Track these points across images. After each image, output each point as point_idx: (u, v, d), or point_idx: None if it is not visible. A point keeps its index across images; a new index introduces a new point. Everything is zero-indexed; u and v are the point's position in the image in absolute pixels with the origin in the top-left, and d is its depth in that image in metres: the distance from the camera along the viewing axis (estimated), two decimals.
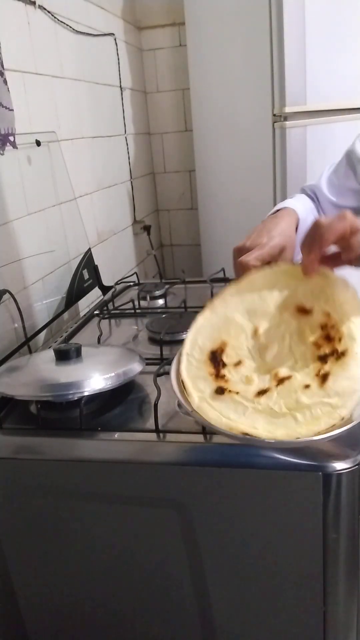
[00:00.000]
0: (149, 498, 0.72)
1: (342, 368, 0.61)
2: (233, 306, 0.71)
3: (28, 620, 0.85)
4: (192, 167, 2.08)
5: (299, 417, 0.60)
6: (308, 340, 0.65)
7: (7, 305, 1.04)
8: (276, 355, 0.66)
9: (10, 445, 0.76)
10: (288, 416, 0.61)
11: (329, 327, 0.65)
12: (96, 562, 0.78)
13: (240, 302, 0.70)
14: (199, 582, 0.74)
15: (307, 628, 0.74)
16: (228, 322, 0.70)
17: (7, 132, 0.99)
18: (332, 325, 0.65)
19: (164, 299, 1.26)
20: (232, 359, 0.67)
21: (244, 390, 0.64)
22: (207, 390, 0.65)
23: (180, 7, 1.82)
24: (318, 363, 0.63)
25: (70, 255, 1.32)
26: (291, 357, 0.66)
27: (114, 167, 1.77)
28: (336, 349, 0.63)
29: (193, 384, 0.66)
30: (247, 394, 0.64)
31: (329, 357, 0.63)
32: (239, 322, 0.69)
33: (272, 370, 0.65)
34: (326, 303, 0.67)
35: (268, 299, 0.70)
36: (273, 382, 0.64)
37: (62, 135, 1.35)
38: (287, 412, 0.61)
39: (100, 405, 0.81)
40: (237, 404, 0.63)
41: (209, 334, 0.69)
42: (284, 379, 0.63)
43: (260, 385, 0.64)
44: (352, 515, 0.67)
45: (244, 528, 0.70)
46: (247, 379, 0.65)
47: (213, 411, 0.63)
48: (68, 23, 1.41)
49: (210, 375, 0.66)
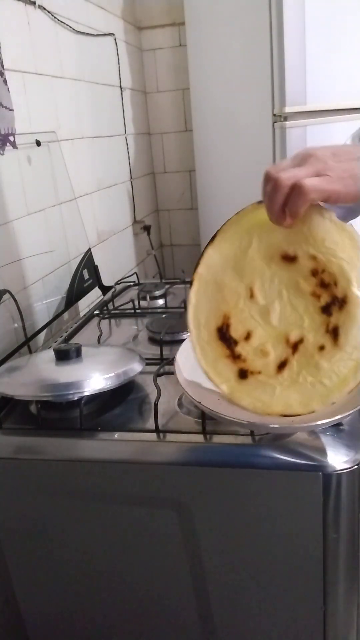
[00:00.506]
0: (149, 498, 0.72)
1: (349, 319, 0.59)
2: (219, 268, 0.65)
3: (28, 621, 0.85)
4: (192, 167, 2.08)
5: (326, 382, 0.60)
6: (305, 292, 0.62)
7: (7, 305, 1.04)
8: (280, 316, 0.63)
9: (10, 445, 0.76)
10: (316, 384, 0.60)
11: (320, 272, 0.61)
12: (96, 562, 0.78)
13: (225, 262, 0.65)
14: (199, 581, 0.74)
15: (307, 628, 0.74)
16: (221, 289, 0.65)
17: (7, 132, 0.99)
18: (322, 269, 0.60)
19: (164, 299, 1.27)
20: (240, 333, 0.64)
21: (264, 366, 0.63)
22: (231, 375, 0.64)
23: (180, 7, 1.82)
24: (324, 316, 0.60)
25: (70, 255, 1.32)
26: (295, 313, 0.62)
27: (114, 167, 1.77)
28: (335, 296, 0.60)
29: (215, 372, 0.64)
30: (268, 371, 0.62)
31: (332, 307, 0.60)
32: (232, 285, 0.65)
33: (282, 335, 0.63)
34: (307, 244, 0.61)
35: (249, 251, 0.64)
36: (288, 350, 0.62)
37: (62, 135, 1.35)
38: (313, 380, 0.60)
39: (100, 405, 0.81)
40: (264, 385, 0.62)
41: (207, 308, 0.65)
42: (297, 343, 0.61)
43: (277, 355, 0.62)
44: (352, 515, 0.67)
45: (244, 528, 0.70)
46: (263, 352, 0.63)
47: (246, 398, 0.62)
48: (68, 23, 1.41)
49: (227, 358, 0.64)
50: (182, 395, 0.81)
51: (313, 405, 0.60)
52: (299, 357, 0.61)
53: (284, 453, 0.66)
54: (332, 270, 0.60)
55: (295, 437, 0.68)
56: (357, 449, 0.66)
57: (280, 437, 0.68)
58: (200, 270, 0.65)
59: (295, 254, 0.62)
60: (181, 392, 0.81)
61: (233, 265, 0.65)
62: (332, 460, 0.64)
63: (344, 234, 0.60)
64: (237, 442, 0.69)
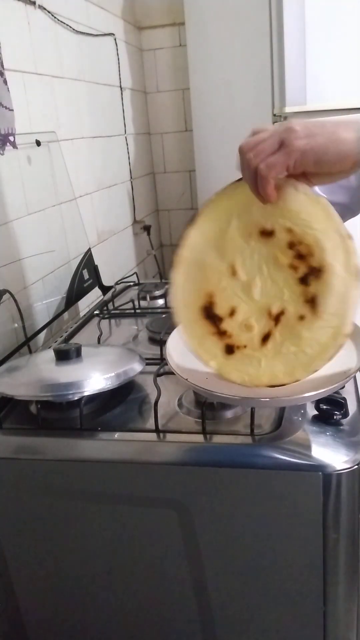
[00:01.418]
0: (149, 498, 0.72)
1: (326, 287, 0.60)
2: (201, 249, 0.67)
3: (28, 620, 0.85)
4: (192, 167, 2.08)
5: (308, 351, 0.61)
6: (283, 265, 0.63)
7: (7, 305, 1.03)
8: (262, 290, 0.65)
9: (10, 445, 0.76)
10: (299, 353, 0.62)
11: (297, 244, 0.62)
12: (96, 561, 0.78)
13: (206, 242, 0.66)
14: (199, 581, 0.74)
15: (307, 628, 0.74)
16: (203, 269, 0.66)
17: (7, 132, 0.99)
18: (299, 240, 0.62)
19: (164, 299, 1.27)
20: (224, 310, 0.66)
21: (249, 340, 0.64)
22: (218, 351, 0.65)
23: (180, 7, 1.82)
24: (302, 287, 0.62)
25: (70, 255, 1.32)
26: (275, 286, 0.64)
27: (114, 167, 1.77)
28: (312, 266, 0.61)
29: (203, 350, 0.66)
30: (253, 344, 0.64)
31: (310, 278, 0.61)
32: (214, 265, 0.66)
33: (264, 308, 0.64)
34: (283, 217, 0.62)
35: (229, 230, 0.65)
36: (271, 323, 0.64)
37: (62, 135, 1.35)
38: (295, 350, 0.62)
39: (100, 405, 0.81)
40: (250, 358, 0.64)
41: (191, 289, 0.67)
42: (279, 315, 0.63)
43: (260, 328, 0.64)
44: (352, 515, 0.67)
45: (244, 528, 0.70)
46: (247, 327, 0.65)
47: (234, 373, 0.64)
48: (68, 23, 1.41)
49: (213, 335, 0.66)
50: (182, 396, 0.81)
51: (297, 374, 0.62)
52: (281, 328, 0.63)
53: (284, 453, 0.66)
54: (308, 241, 0.61)
55: (295, 437, 0.68)
56: (357, 449, 0.66)
57: (281, 438, 0.68)
58: (183, 252, 0.67)
59: (273, 228, 0.63)
60: (181, 392, 0.81)
61: (214, 244, 0.66)
62: (332, 460, 0.64)
63: (318, 206, 0.62)
64: (237, 442, 0.69)
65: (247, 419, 0.71)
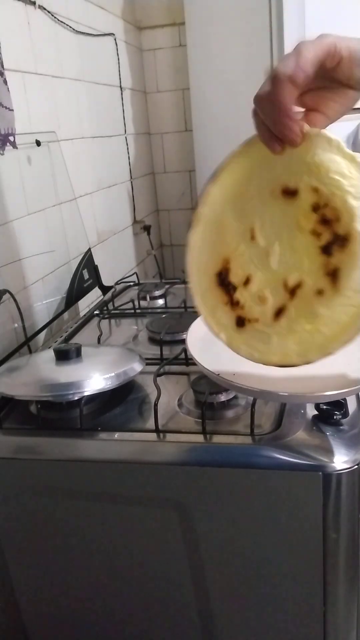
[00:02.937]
0: (149, 498, 0.72)
1: (350, 259, 0.52)
2: (220, 207, 0.60)
3: (28, 620, 0.85)
4: (192, 167, 2.08)
5: (325, 331, 0.54)
6: (305, 230, 0.55)
7: (7, 305, 1.04)
8: (280, 258, 0.58)
9: (10, 445, 0.76)
10: (314, 333, 0.55)
11: (322, 206, 0.54)
12: (96, 562, 0.78)
13: (225, 200, 0.59)
14: (199, 581, 0.74)
15: (307, 628, 0.74)
16: (221, 231, 0.60)
17: (7, 132, 0.99)
18: (325, 203, 0.53)
19: (164, 299, 1.27)
20: (239, 277, 0.59)
21: (261, 314, 0.58)
22: (229, 323, 0.60)
23: (180, 7, 1.82)
24: (323, 257, 0.54)
25: (70, 255, 1.32)
26: (295, 255, 0.57)
27: (114, 167, 1.77)
28: (337, 233, 0.53)
29: (214, 320, 0.61)
30: (265, 318, 0.58)
31: (333, 247, 0.53)
32: (232, 226, 0.59)
33: (281, 279, 0.57)
34: (310, 175, 0.54)
35: (250, 189, 0.58)
36: (286, 296, 0.57)
37: (62, 135, 1.35)
38: (311, 328, 0.55)
39: (100, 405, 0.81)
40: (261, 334, 0.58)
41: (207, 252, 0.61)
42: (295, 288, 0.56)
43: (275, 302, 0.58)
44: (352, 515, 0.67)
45: (243, 528, 0.70)
46: (261, 299, 0.58)
47: (243, 347, 0.59)
48: (68, 23, 1.41)
49: (226, 305, 0.60)
50: (182, 396, 0.81)
51: (310, 356, 0.55)
52: (297, 302, 0.56)
53: (284, 453, 0.66)
54: (335, 204, 0.53)
55: (295, 437, 0.68)
56: (357, 449, 0.66)
57: (281, 437, 0.68)
58: (202, 210, 0.60)
59: (297, 187, 0.55)
60: (181, 392, 0.81)
61: (233, 204, 0.59)
62: (332, 460, 0.64)
63: (353, 164, 0.53)
64: (237, 442, 0.69)
65: (247, 419, 0.71)
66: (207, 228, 0.60)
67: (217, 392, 0.75)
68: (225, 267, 0.60)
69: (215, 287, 0.61)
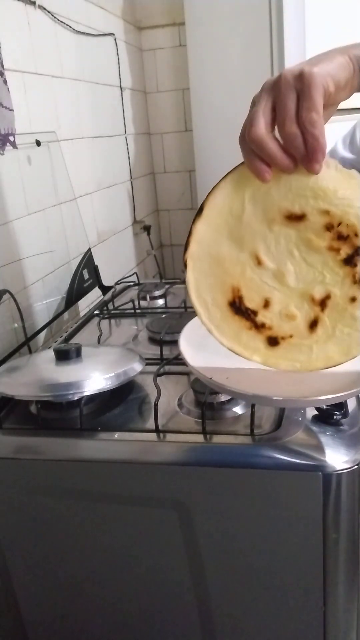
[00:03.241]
0: (149, 498, 0.72)
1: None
2: (212, 241, 0.61)
3: (28, 621, 0.85)
4: (192, 167, 2.08)
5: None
6: (320, 248, 0.59)
7: (7, 305, 1.04)
8: (297, 275, 0.60)
9: (10, 445, 0.76)
10: (353, 333, 0.60)
11: (336, 225, 0.57)
12: (96, 562, 0.78)
13: (217, 233, 0.60)
14: (199, 581, 0.74)
15: (307, 628, 0.74)
16: (220, 262, 0.61)
17: (7, 132, 1.00)
18: (338, 222, 0.57)
19: (164, 299, 1.27)
20: (256, 302, 0.61)
21: (294, 329, 0.61)
22: (259, 344, 0.62)
23: (180, 7, 1.82)
24: (347, 268, 0.58)
25: (70, 255, 1.32)
26: (313, 270, 0.60)
27: (114, 167, 1.77)
28: (358, 246, 0.57)
29: (241, 346, 0.62)
30: (300, 332, 0.61)
31: (357, 258, 0.58)
32: (232, 256, 0.61)
33: (304, 294, 0.61)
34: (316, 199, 0.57)
35: (244, 217, 0.59)
36: (316, 309, 0.60)
37: (62, 135, 1.35)
38: (349, 330, 0.60)
39: (100, 405, 0.81)
40: (299, 346, 0.61)
41: (210, 285, 0.62)
42: (324, 299, 0.60)
43: (304, 315, 0.61)
44: (352, 515, 0.67)
45: (244, 528, 0.70)
46: (288, 316, 0.61)
47: (282, 362, 0.62)
48: (68, 23, 1.41)
49: (250, 330, 0.62)
50: (182, 396, 0.81)
51: (353, 351, 0.60)
52: (330, 312, 0.60)
53: (283, 453, 0.66)
54: (350, 221, 0.57)
55: (295, 437, 0.68)
56: (357, 449, 0.66)
57: (281, 438, 0.68)
58: (192, 248, 0.61)
59: (303, 211, 0.58)
60: (181, 392, 0.81)
61: (228, 234, 0.60)
62: (332, 460, 0.64)
63: (354, 180, 0.57)
64: (237, 442, 0.69)
65: (247, 419, 0.71)
66: (203, 263, 0.61)
67: (217, 392, 0.75)
68: (236, 296, 0.61)
69: (231, 316, 0.62)
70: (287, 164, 0.54)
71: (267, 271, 0.61)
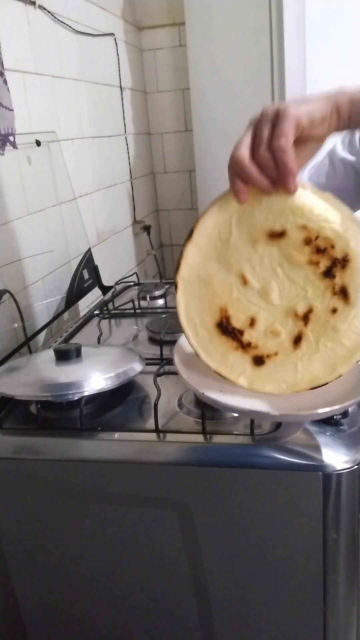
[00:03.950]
0: (149, 498, 0.72)
1: (354, 275, 0.60)
2: (201, 264, 0.64)
3: (28, 621, 0.85)
4: (192, 167, 2.08)
5: (346, 343, 0.61)
6: (301, 262, 0.62)
7: (7, 305, 1.04)
8: (280, 293, 0.63)
9: (10, 445, 0.76)
10: (336, 347, 0.61)
11: (314, 239, 0.61)
12: (96, 561, 0.78)
13: (206, 256, 0.64)
14: (199, 581, 0.74)
15: (307, 628, 0.74)
16: (209, 284, 0.64)
17: (7, 132, 0.99)
18: (316, 236, 0.60)
19: (164, 299, 1.27)
20: (242, 321, 0.64)
21: (279, 346, 0.63)
22: (246, 365, 0.64)
23: (180, 7, 1.82)
24: (327, 280, 0.61)
25: (70, 255, 1.32)
26: (295, 286, 0.62)
27: (114, 167, 1.77)
28: (335, 257, 0.60)
29: (227, 368, 0.64)
30: (284, 349, 0.63)
31: (334, 270, 0.60)
32: (219, 278, 0.64)
33: (288, 311, 0.63)
34: (294, 216, 0.61)
35: (231, 240, 0.63)
36: (300, 324, 0.62)
37: (62, 135, 1.35)
38: (332, 345, 0.61)
39: (100, 405, 0.81)
40: (284, 364, 0.62)
41: (199, 307, 0.64)
42: (307, 314, 0.62)
43: (289, 332, 0.63)
44: (352, 515, 0.67)
45: (244, 528, 0.70)
46: (273, 333, 0.63)
47: (268, 384, 0.63)
48: (68, 23, 1.41)
49: (236, 350, 0.64)
50: (182, 395, 0.81)
51: (338, 369, 0.61)
52: (313, 326, 0.62)
53: (283, 453, 0.66)
54: (326, 235, 0.60)
55: (295, 437, 0.68)
56: (357, 449, 0.66)
57: (281, 438, 0.68)
58: (182, 271, 0.64)
59: (283, 229, 0.61)
60: (181, 392, 0.81)
61: (216, 258, 0.63)
62: (332, 460, 0.64)
63: (327, 200, 0.61)
64: (236, 442, 0.69)
65: (247, 419, 0.71)
66: (193, 286, 0.64)
67: None
68: (224, 316, 0.64)
69: (218, 336, 0.64)
70: (265, 185, 0.59)
71: (252, 290, 0.64)
